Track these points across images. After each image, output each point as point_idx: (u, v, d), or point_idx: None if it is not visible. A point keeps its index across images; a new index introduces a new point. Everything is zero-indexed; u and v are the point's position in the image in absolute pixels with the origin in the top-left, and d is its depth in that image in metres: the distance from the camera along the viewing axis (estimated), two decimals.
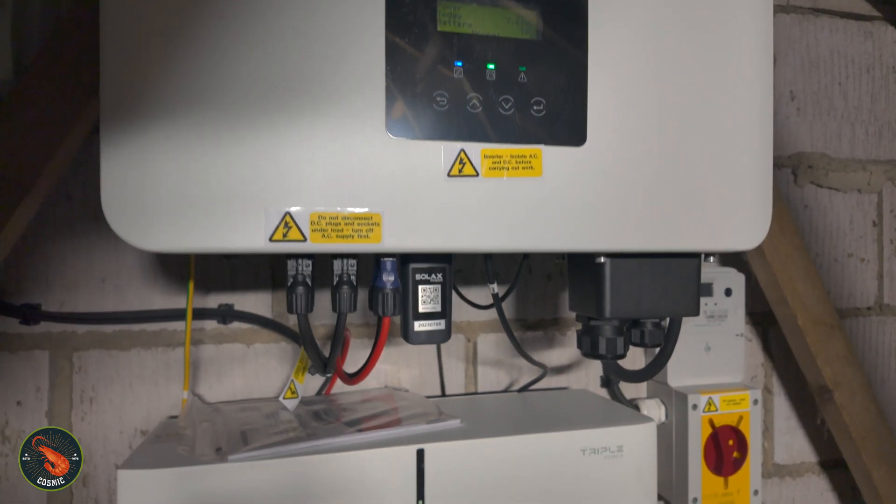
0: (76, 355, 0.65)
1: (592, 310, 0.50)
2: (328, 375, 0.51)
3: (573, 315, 0.80)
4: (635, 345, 0.54)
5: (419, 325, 0.48)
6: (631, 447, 0.57)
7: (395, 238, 0.40)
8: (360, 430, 0.54)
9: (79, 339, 0.65)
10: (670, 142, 0.44)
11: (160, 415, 0.66)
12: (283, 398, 0.62)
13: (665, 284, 0.50)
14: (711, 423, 0.74)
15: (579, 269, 0.52)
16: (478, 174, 0.41)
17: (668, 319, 0.55)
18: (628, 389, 0.81)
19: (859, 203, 0.90)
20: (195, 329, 0.68)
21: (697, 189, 0.45)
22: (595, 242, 0.43)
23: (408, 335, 0.48)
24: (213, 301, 0.68)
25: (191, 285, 0.58)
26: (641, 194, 0.44)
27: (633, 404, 0.77)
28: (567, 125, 0.42)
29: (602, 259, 0.47)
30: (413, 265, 0.48)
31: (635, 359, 0.81)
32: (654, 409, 0.77)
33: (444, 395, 0.74)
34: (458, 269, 0.74)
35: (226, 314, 0.67)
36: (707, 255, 0.50)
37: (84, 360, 0.65)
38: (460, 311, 0.76)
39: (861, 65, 0.91)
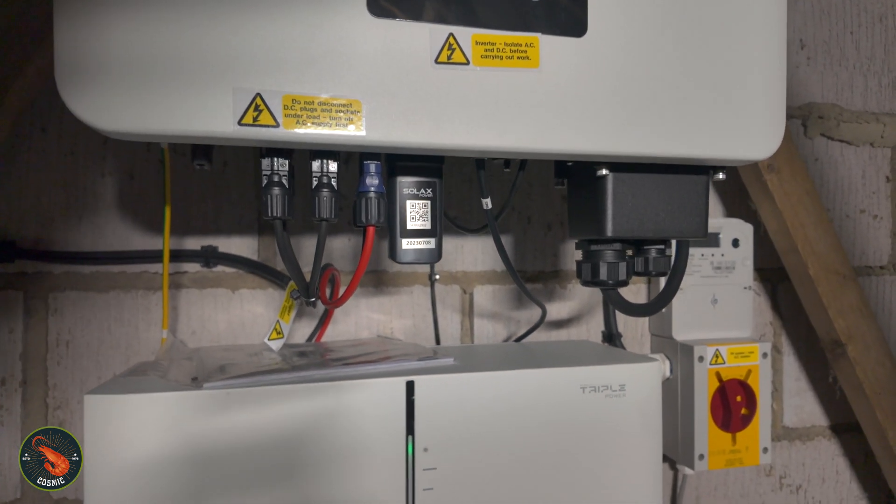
0: (52, 296, 0.62)
1: (593, 230, 0.47)
2: (311, 301, 0.48)
3: (573, 267, 0.76)
4: (639, 274, 0.50)
5: (407, 243, 0.45)
6: (634, 387, 0.53)
7: (377, 130, 0.36)
8: (347, 365, 0.51)
9: (55, 280, 0.62)
10: (678, 36, 0.41)
11: (139, 360, 0.63)
12: (268, 339, 0.59)
13: (671, 203, 0.46)
14: (718, 376, 0.71)
15: (580, 188, 0.49)
16: (468, 62, 0.37)
17: (674, 247, 0.51)
18: (631, 345, 0.78)
19: (872, 157, 0.87)
20: (177, 273, 0.65)
21: (707, 90, 0.42)
22: (596, 144, 0.40)
23: (395, 253, 0.45)
24: (196, 244, 0.65)
25: (167, 210, 0.55)
26: (646, 93, 0.41)
27: None
28: (566, 12, 0.39)
29: (604, 171, 0.44)
30: (401, 178, 0.45)
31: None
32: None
33: (438, 345, 0.71)
34: (453, 217, 0.71)
35: (209, 256, 0.64)
36: (716, 170, 0.47)
37: (60, 301, 0.62)
38: (456, 261, 0.72)
39: (874, 13, 0.87)
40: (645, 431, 0.54)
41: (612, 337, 0.75)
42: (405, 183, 0.45)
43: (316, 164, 0.40)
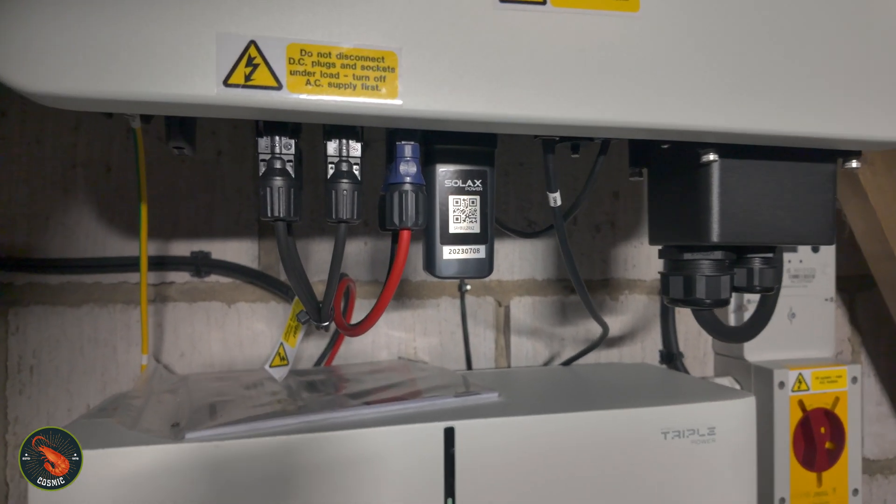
0: (13, 312, 0.52)
1: (689, 234, 0.36)
2: (323, 326, 0.38)
3: (625, 276, 0.66)
4: (739, 290, 0.40)
5: (449, 252, 0.34)
6: (725, 429, 0.43)
7: (418, 95, 0.26)
8: (368, 404, 0.41)
9: (16, 292, 0.52)
10: None
11: (118, 388, 0.53)
12: (270, 366, 0.48)
13: (791, 199, 0.36)
14: (802, 405, 0.60)
15: (670, 178, 0.38)
16: (544, 2, 0.27)
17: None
18: (693, 366, 0.67)
19: None
20: (162, 283, 0.54)
21: (852, 46, 0.31)
22: (711, 118, 0.29)
23: (434, 265, 0.35)
24: (185, 249, 0.55)
25: (143, 208, 0.45)
26: (777, 51, 0.30)
27: None
28: None
29: (712, 156, 0.34)
30: (442, 167, 0.34)
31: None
32: None
33: (469, 369, 0.61)
34: None
35: (201, 263, 0.54)
36: (847, 156, 0.36)
37: (23, 318, 0.52)
38: None
39: None
40: (737, 482, 0.44)
41: (672, 357, 0.65)
42: (448, 173, 0.34)
43: (332, 146, 0.29)
